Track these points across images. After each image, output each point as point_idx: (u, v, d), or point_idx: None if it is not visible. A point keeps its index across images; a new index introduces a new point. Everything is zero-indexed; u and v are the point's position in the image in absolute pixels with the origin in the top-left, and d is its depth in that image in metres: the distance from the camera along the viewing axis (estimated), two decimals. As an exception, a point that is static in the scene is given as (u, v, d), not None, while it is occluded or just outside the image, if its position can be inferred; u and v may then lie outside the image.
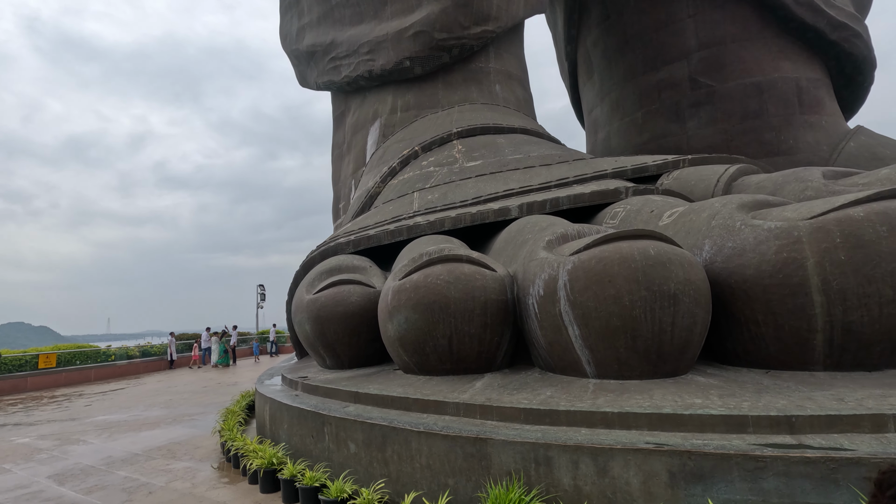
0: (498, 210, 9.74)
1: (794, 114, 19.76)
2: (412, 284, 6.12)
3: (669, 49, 21.78)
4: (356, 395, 6.09)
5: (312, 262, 10.57)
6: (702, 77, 21.04)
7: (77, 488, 6.26)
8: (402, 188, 14.58)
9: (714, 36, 20.68)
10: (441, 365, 6.24)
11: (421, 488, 4.71)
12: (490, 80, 18.80)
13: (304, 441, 6.19)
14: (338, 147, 22.38)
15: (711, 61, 20.77)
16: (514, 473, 4.17)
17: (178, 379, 18.70)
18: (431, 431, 4.68)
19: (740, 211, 6.17)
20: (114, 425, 10.25)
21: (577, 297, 5.18)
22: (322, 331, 7.93)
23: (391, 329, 6.38)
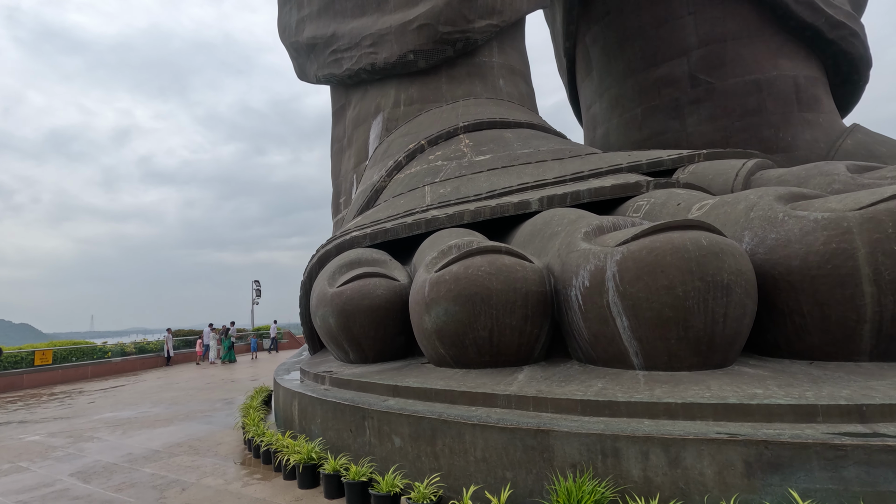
0: (518, 203, 9.66)
1: (793, 111, 19.98)
2: (452, 276, 6.02)
3: (669, 46, 21.87)
4: (395, 388, 5.97)
5: (328, 256, 10.40)
6: (701, 74, 21.16)
7: (105, 486, 6.05)
8: (410, 182, 14.44)
9: (714, 33, 20.80)
10: (480, 358, 6.15)
11: (476, 482, 4.62)
12: (494, 75, 18.71)
13: (340, 436, 6.06)
14: (338, 141, 22.12)
15: (711, 58, 20.89)
16: (579, 465, 4.10)
17: (179, 376, 18.35)
18: (487, 424, 4.59)
19: (778, 202, 6.17)
20: (124, 422, 9.98)
21: (626, 288, 5.13)
22: (347, 324, 7.79)
23: (428, 321, 6.27)
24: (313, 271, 10.49)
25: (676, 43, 21.66)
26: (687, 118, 21.35)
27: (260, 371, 18.91)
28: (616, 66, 24.00)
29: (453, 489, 4.76)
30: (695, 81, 21.38)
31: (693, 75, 21.40)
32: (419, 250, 9.11)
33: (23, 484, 6.34)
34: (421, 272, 6.91)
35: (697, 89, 21.35)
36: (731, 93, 20.61)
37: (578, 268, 5.68)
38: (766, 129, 19.40)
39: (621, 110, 23.81)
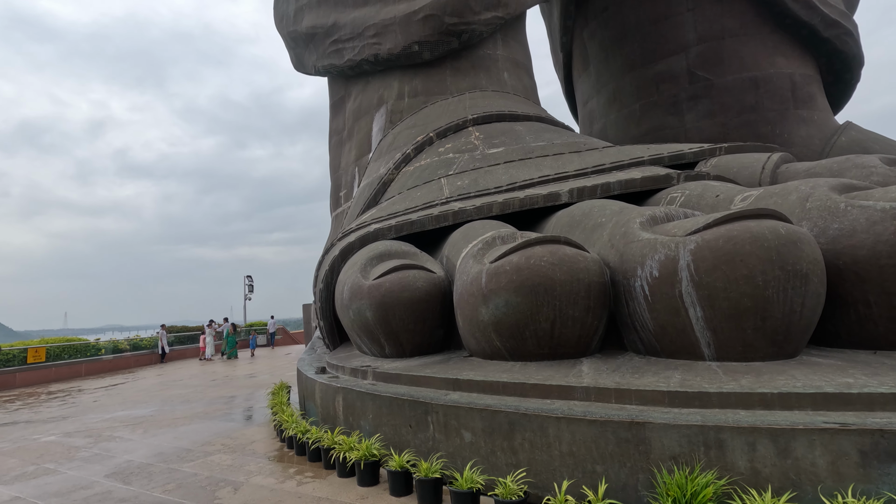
0: (547, 195, 9.54)
1: (789, 108, 20.31)
2: (512, 266, 5.85)
3: (668, 42, 21.98)
4: (455, 382, 5.79)
5: (352, 248, 10.13)
6: (700, 70, 21.34)
7: (149, 487, 5.73)
8: (422, 175, 14.20)
9: (712, 30, 20.98)
10: (539, 350, 6.01)
11: (561, 476, 4.49)
12: (498, 68, 18.55)
13: (397, 431, 5.86)
14: (337, 133, 21.69)
15: (709, 55, 21.08)
16: (679, 458, 4.00)
17: (178, 373, 17.75)
18: (574, 417, 4.46)
19: (833, 192, 6.17)
20: (142, 421, 9.55)
21: (702, 278, 5.04)
22: (385, 318, 7.56)
23: (485, 313, 6.09)
24: (335, 264, 10.21)
25: (675, 39, 21.79)
26: (685, 114, 21.53)
27: (262, 368, 18.47)
28: (614, 61, 24.05)
29: (535, 485, 4.62)
30: (693, 78, 21.55)
31: (691, 72, 21.56)
32: (450, 242, 8.91)
33: (57, 486, 5.96)
34: (470, 263, 6.73)
35: (696, 86, 21.53)
36: (728, 90, 20.84)
37: (644, 258, 5.58)
38: (762, 125, 19.68)
39: (619, 106, 23.90)
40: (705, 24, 20.98)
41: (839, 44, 20.07)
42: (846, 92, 21.74)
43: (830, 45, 20.15)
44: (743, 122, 20.02)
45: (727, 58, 20.72)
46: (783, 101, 20.25)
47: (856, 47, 20.16)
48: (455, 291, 7.04)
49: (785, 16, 19.97)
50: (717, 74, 20.93)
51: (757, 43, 20.45)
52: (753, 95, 20.46)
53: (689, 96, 21.60)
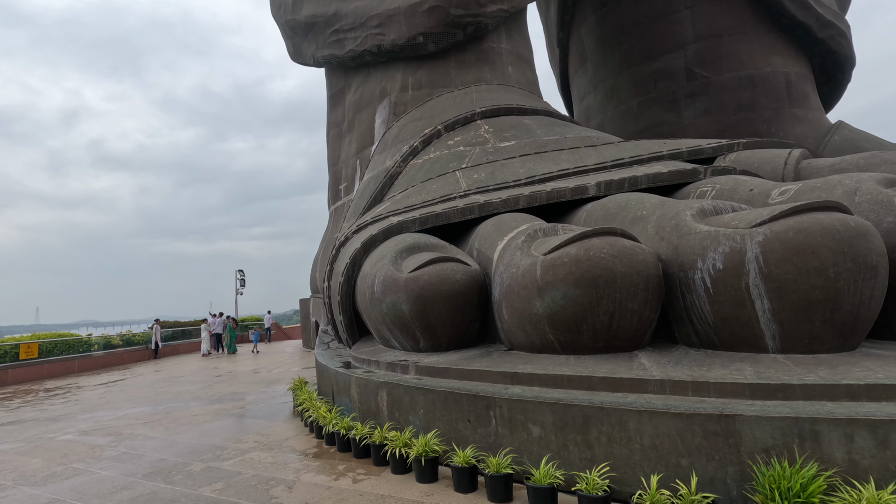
0: (574, 188, 9.46)
1: (784, 107, 20.64)
2: (571, 258, 5.74)
3: (666, 39, 22.12)
4: (514, 375, 5.67)
5: (375, 241, 9.90)
6: (698, 68, 21.54)
7: (194, 486, 5.47)
8: (433, 167, 14.00)
9: (710, 28, 21.17)
10: (594, 343, 5.92)
11: (642, 470, 4.41)
12: (503, 61, 18.41)
13: (454, 426, 5.71)
14: (336, 125, 21.30)
15: (707, 53, 21.28)
16: (772, 450, 3.95)
17: (177, 369, 17.19)
18: (657, 410, 4.38)
19: (881, 186, 6.23)
20: (159, 418, 9.18)
21: (772, 270, 5.01)
22: (423, 311, 7.39)
23: (539, 306, 5.97)
24: (357, 257, 9.96)
25: (673, 37, 21.94)
26: (683, 111, 21.72)
27: (264, 364, 18.05)
28: (612, 57, 24.11)
29: (615, 479, 4.52)
30: (691, 75, 21.74)
31: (689, 69, 21.75)
32: (481, 234, 8.76)
33: (95, 487, 5.63)
34: (518, 255, 6.59)
35: (693, 83, 21.72)
36: (726, 87, 21.08)
37: (706, 250, 5.53)
38: (759, 123, 19.98)
39: (616, 102, 23.99)
40: (703, 22, 21.16)
41: (833, 44, 20.46)
42: (837, 92, 22.21)
43: (824, 45, 20.53)
44: (740, 119, 20.30)
45: (725, 56, 20.95)
46: (779, 99, 20.58)
47: (848, 48, 20.60)
48: (499, 284, 6.90)
49: (781, 15, 20.27)
50: (715, 72, 21.15)
51: (754, 42, 20.72)
52: (750, 93, 20.75)
53: (686, 93, 21.79)
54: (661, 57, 22.26)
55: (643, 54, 22.74)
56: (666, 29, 22.04)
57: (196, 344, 24.20)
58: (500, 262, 7.15)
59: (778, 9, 20.15)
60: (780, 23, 20.55)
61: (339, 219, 19.80)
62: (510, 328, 6.73)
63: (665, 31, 22.07)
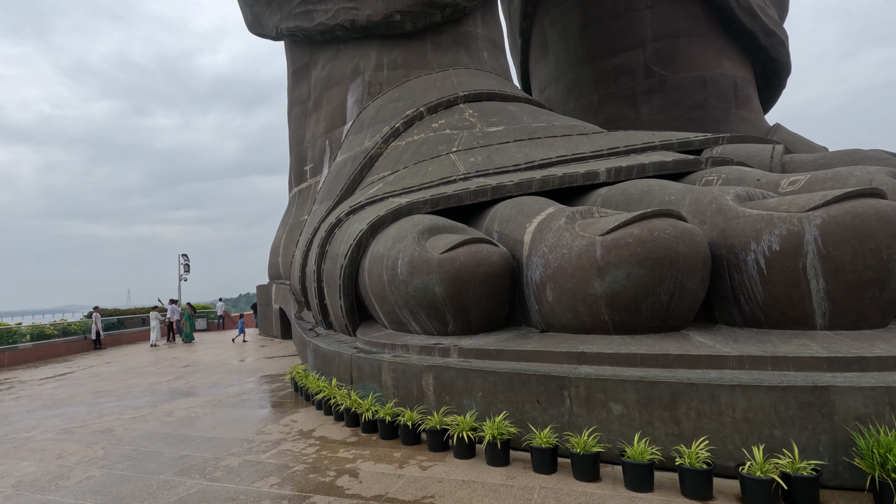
0: (585, 174, 9.58)
1: (731, 108, 22.10)
2: (636, 238, 5.77)
3: (627, 37, 22.93)
4: (582, 355, 5.63)
5: (383, 223, 9.49)
6: (655, 66, 22.53)
7: (247, 482, 4.93)
8: (419, 150, 13.66)
9: (668, 29, 22.18)
10: (650, 323, 6.02)
11: (732, 442, 4.54)
12: (478, 46, 18.26)
13: (519, 408, 5.59)
14: (300, 103, 20.22)
15: (664, 52, 22.31)
16: (864, 418, 4.19)
17: (131, 360, 15.49)
18: (750, 384, 4.51)
19: (891, 178, 6.80)
20: (146, 412, 8.21)
21: (830, 252, 5.31)
22: (458, 293, 7.18)
23: (598, 286, 5.97)
24: (364, 239, 9.52)
25: (634, 34, 22.77)
26: (641, 107, 22.66)
27: (229, 353, 16.86)
28: (574, 51, 24.64)
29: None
30: (649, 73, 22.69)
31: (648, 67, 22.69)
32: (499, 217, 8.63)
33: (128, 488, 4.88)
34: (567, 236, 6.53)
35: (651, 80, 22.69)
36: (680, 86, 22.22)
37: (760, 233, 5.76)
38: (709, 122, 21.27)
39: (578, 95, 24.58)
40: (662, 22, 22.13)
41: (774, 52, 22.12)
42: (774, 97, 24.08)
43: (766, 52, 22.15)
44: (692, 118, 21.50)
45: (680, 56, 22.05)
46: (726, 100, 22.00)
47: (786, 56, 22.37)
48: (541, 265, 6.83)
49: (731, 21, 21.61)
50: (671, 71, 22.21)
51: (706, 45, 21.96)
52: (702, 94, 22.01)
53: (644, 90, 22.74)
54: (621, 53, 23.04)
55: (605, 50, 23.42)
56: (627, 27, 22.81)
57: (140, 333, 22.13)
58: (538, 244, 7.07)
59: (728, 14, 21.45)
60: (729, 28, 21.90)
61: (306, 201, 18.89)
62: (555, 309, 6.69)
63: (626, 29, 22.84)
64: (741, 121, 21.77)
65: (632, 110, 22.81)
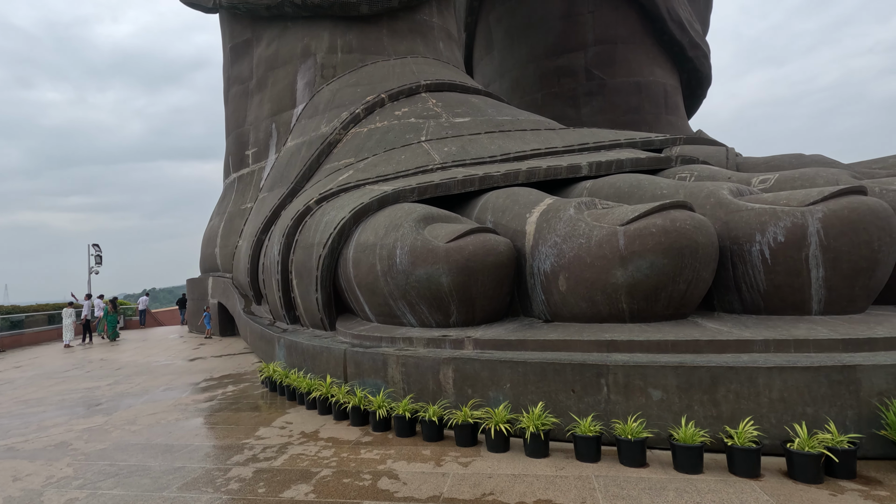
0: (569, 167, 9.74)
1: (662, 113, 23.63)
2: (659, 228, 5.90)
3: (570, 39, 23.74)
4: (611, 343, 5.66)
5: (367, 211, 9.04)
6: (596, 69, 23.54)
7: (275, 492, 4.34)
8: (385, 138, 13.22)
9: (608, 34, 23.25)
10: (665, 311, 6.21)
11: (768, 421, 4.78)
12: (434, 36, 18.00)
13: (552, 398, 5.50)
14: (240, 82, 18.80)
15: (604, 56, 23.37)
16: (885, 393, 4.59)
17: (45, 363, 13.24)
18: (786, 366, 4.77)
19: (854, 179, 7.55)
20: (99, 422, 7.05)
21: (830, 243, 5.77)
22: (466, 283, 6.99)
23: (620, 275, 6.04)
24: (346, 227, 9.01)
25: (576, 37, 23.62)
26: (582, 108, 23.57)
27: (163, 352, 15.19)
28: (519, 49, 25.09)
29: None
30: (590, 75, 23.66)
31: (588, 69, 23.65)
32: (494, 207, 8.51)
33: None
34: (582, 226, 6.54)
35: (591, 83, 23.68)
36: (618, 90, 23.40)
37: (765, 225, 6.13)
38: (643, 125, 22.58)
39: (522, 93, 25.08)
40: (602, 27, 23.14)
41: (698, 63, 23.93)
42: (695, 105, 26.08)
43: (692, 63, 23.91)
44: (628, 121, 22.71)
45: (618, 61, 23.21)
46: (658, 106, 23.48)
47: (709, 69, 24.29)
48: (553, 255, 6.81)
49: (663, 32, 23.07)
50: (610, 75, 23.31)
51: (642, 52, 23.30)
52: (637, 98, 23.32)
53: (585, 92, 23.68)
54: (564, 55, 23.80)
55: (548, 50, 24.07)
56: (570, 29, 23.60)
57: (46, 333, 19.25)
58: (547, 233, 7.03)
59: (661, 26, 22.88)
60: (661, 39, 23.37)
61: (248, 188, 17.61)
62: (568, 299, 6.70)
63: (569, 31, 23.63)
64: (670, 126, 23.32)
65: (573, 110, 23.61)
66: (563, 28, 23.81)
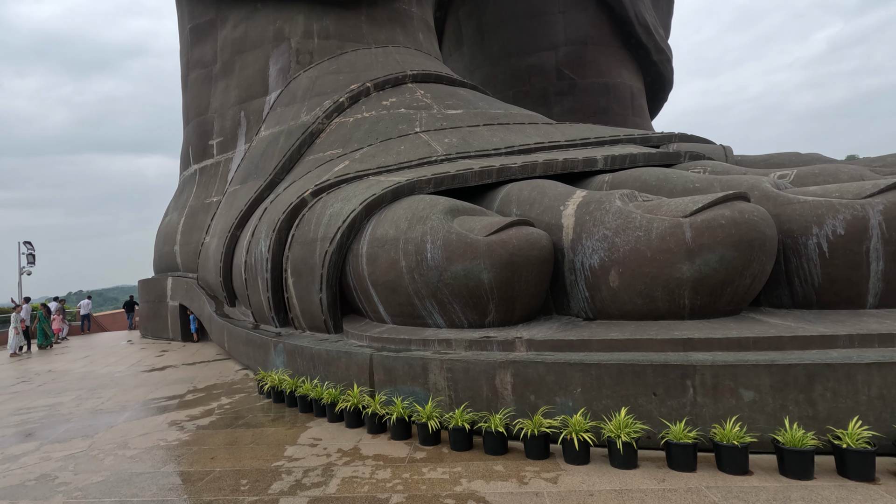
0: (585, 160, 9.39)
1: (629, 115, 24.04)
2: (729, 220, 5.57)
3: (541, 38, 23.69)
4: (687, 341, 5.26)
5: (381, 202, 8.27)
6: (566, 69, 23.63)
7: None
8: (376, 128, 12.42)
9: (578, 35, 23.37)
10: (726, 307, 5.91)
11: (866, 419, 4.54)
12: (414, 27, 17.30)
13: (630, 402, 5.03)
14: (202, 66, 17.26)
15: (574, 57, 23.48)
16: (982, 386, 4.47)
17: None
18: (885, 361, 4.54)
19: (876, 174, 7.65)
20: (84, 446, 5.79)
21: (892, 235, 5.68)
22: (510, 280, 6.42)
23: (687, 270, 5.67)
24: (357, 221, 8.21)
25: (547, 36, 23.60)
26: (553, 107, 23.56)
27: (120, 360, 13.35)
28: (490, 46, 24.78)
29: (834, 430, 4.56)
30: (560, 75, 23.72)
31: (559, 69, 23.69)
32: (519, 200, 7.99)
33: None
34: (637, 218, 6.13)
35: (562, 82, 23.74)
36: (587, 91, 23.58)
37: (822, 218, 5.98)
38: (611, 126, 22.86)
39: (493, 90, 24.72)
40: (573, 28, 23.22)
41: (661, 68, 24.54)
42: (657, 109, 26.79)
43: (656, 67, 24.49)
44: (597, 121, 22.85)
45: (588, 62, 23.37)
46: (625, 108, 23.87)
47: (671, 73, 24.97)
48: (602, 249, 6.36)
49: (631, 35, 23.45)
50: (580, 76, 23.44)
51: (610, 54, 23.59)
52: (606, 99, 23.58)
53: (556, 91, 23.70)
54: (535, 53, 23.71)
55: (520, 48, 23.90)
56: (541, 28, 23.52)
57: None
58: (592, 227, 6.58)
59: (629, 29, 23.25)
60: (629, 42, 23.76)
61: (213, 180, 16.15)
62: (620, 295, 6.27)
63: (540, 30, 23.55)
64: (636, 127, 23.74)
65: (544, 109, 23.52)
66: (534, 27, 23.70)
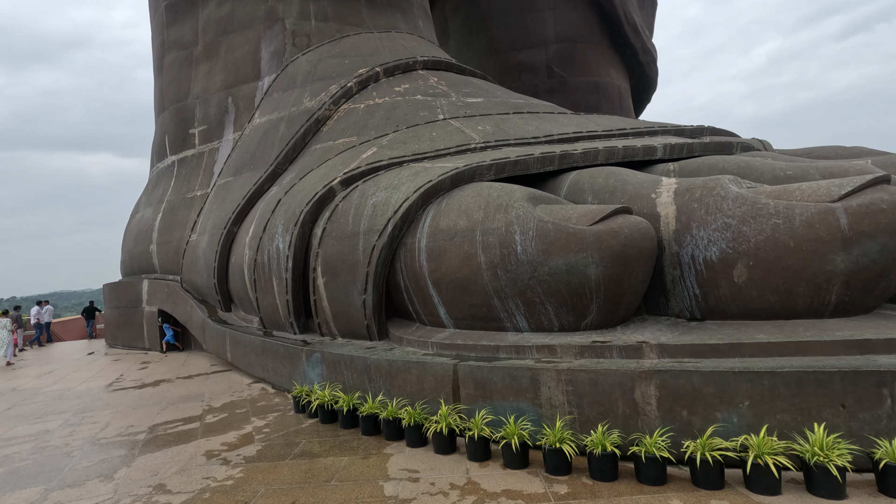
0: (645, 148, 8.67)
1: (617, 114, 23.83)
2: (890, 205, 4.87)
3: (531, 34, 23.14)
4: (863, 343, 4.49)
5: (439, 189, 7.18)
6: (556, 67, 23.17)
7: None
8: (393, 114, 11.27)
9: (568, 33, 22.98)
10: (872, 303, 5.20)
11: None
12: (414, 14, 16.23)
13: (811, 416, 4.18)
14: (180, 47, 15.46)
15: (564, 54, 23.06)
16: None
17: None
18: None
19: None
20: (120, 476, 4.45)
21: None
22: (620, 275, 5.50)
23: (841, 261, 4.92)
24: (412, 211, 7.08)
25: (537, 33, 23.07)
26: (543, 104, 22.94)
27: (87, 374, 11.30)
28: (478, 41, 24.00)
29: None
30: (550, 72, 23.22)
31: (549, 66, 23.20)
32: (594, 188, 7.12)
33: None
34: (770, 204, 5.35)
35: (552, 80, 23.25)
36: (577, 89, 23.20)
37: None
38: (606, 123, 22.53)
39: (481, 86, 23.94)
40: (563, 25, 22.79)
41: (647, 69, 24.54)
42: (641, 108, 26.83)
43: (642, 68, 24.47)
44: (587, 119, 22.53)
45: (578, 60, 23.00)
46: (614, 107, 23.66)
47: (656, 74, 25.03)
48: (727, 239, 5.54)
49: (619, 35, 23.29)
50: (570, 74, 23.04)
51: (599, 53, 23.32)
52: (595, 98, 23.27)
53: (546, 88, 23.17)
54: (525, 50, 23.11)
55: (509, 44, 23.23)
56: (531, 25, 22.96)
57: None
58: (706, 215, 5.75)
59: (618, 28, 23.07)
60: (617, 41, 23.58)
61: (196, 173, 14.40)
62: (746, 292, 5.46)
63: (530, 27, 22.98)
64: (625, 127, 23.46)
65: (535, 107, 22.85)
66: (524, 23, 23.10)
